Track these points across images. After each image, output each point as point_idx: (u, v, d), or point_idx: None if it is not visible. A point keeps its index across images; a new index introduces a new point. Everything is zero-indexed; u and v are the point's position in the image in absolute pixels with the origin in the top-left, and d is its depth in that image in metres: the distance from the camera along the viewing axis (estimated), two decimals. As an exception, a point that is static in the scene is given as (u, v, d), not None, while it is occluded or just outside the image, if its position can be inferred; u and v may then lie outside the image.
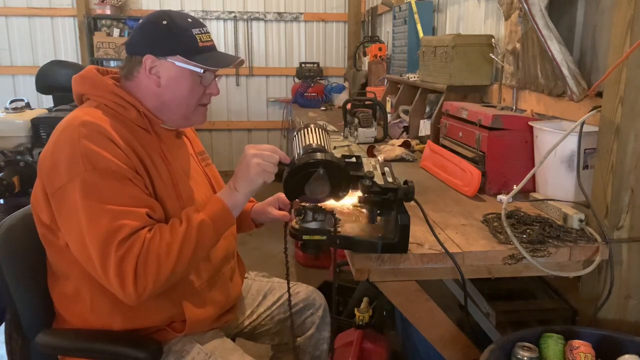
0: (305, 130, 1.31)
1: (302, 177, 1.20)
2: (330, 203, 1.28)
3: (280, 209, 1.56)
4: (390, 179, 1.24)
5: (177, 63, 1.29)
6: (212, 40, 1.36)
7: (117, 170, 1.18)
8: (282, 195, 1.60)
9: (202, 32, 1.33)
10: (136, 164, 1.23)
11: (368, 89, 3.83)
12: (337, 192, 1.22)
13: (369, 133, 2.69)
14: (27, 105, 4.17)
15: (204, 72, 1.32)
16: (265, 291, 1.67)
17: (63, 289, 1.31)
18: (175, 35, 1.29)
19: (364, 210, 1.34)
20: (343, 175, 1.21)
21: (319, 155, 1.19)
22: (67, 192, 1.17)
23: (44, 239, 1.31)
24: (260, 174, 1.23)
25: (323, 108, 5.10)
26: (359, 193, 1.24)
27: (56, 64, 4.46)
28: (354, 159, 1.30)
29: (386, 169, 1.31)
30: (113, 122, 1.24)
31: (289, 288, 1.48)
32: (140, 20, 1.36)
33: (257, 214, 1.60)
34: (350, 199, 1.31)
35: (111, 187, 1.17)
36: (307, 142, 1.26)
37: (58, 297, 1.34)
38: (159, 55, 1.29)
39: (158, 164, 1.29)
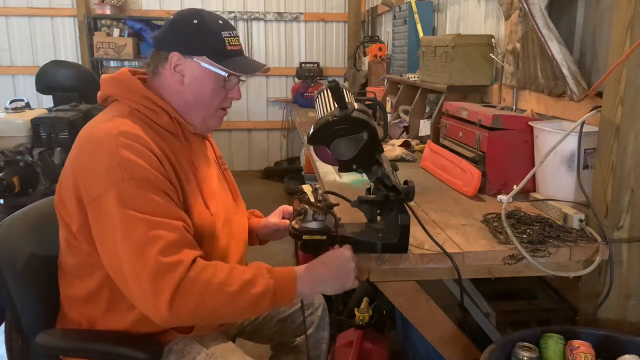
0: (344, 89, 1.21)
1: (342, 130, 1.14)
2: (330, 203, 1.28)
3: (284, 219, 1.58)
4: (396, 180, 1.24)
5: (203, 64, 1.29)
6: (240, 44, 1.36)
7: (154, 180, 1.16)
8: (285, 206, 1.61)
9: (232, 35, 1.33)
10: (170, 175, 1.21)
11: (368, 89, 3.83)
12: (353, 164, 1.19)
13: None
14: (27, 105, 4.17)
15: (228, 76, 1.31)
16: (265, 291, 1.66)
17: (76, 290, 1.30)
18: (204, 36, 1.29)
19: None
20: (371, 152, 1.18)
21: (372, 122, 1.15)
22: (104, 201, 1.14)
23: (64, 240, 1.29)
24: (352, 283, 1.22)
25: (323, 108, 5.10)
26: (361, 177, 1.21)
27: (56, 64, 4.46)
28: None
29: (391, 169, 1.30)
30: (148, 132, 1.22)
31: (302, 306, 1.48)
32: (172, 16, 1.34)
33: (261, 229, 1.60)
34: (350, 177, 1.27)
35: (147, 197, 1.14)
36: (350, 100, 1.18)
37: (68, 298, 1.33)
38: (185, 54, 1.29)
39: (187, 171, 1.28)
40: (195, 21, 1.29)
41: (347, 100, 1.16)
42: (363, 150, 1.17)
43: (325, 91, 1.27)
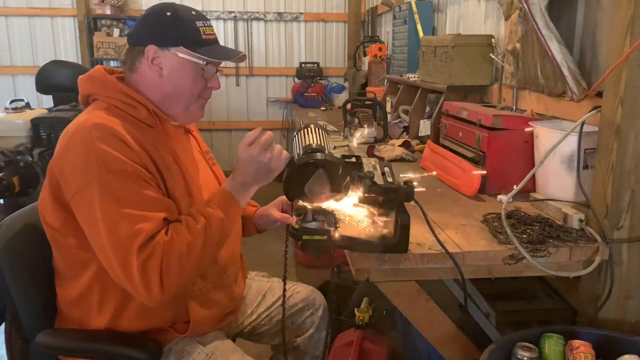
0: (305, 130, 1.31)
1: (301, 177, 1.20)
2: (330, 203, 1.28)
3: (284, 211, 1.57)
4: (390, 179, 1.24)
5: (180, 54, 1.29)
6: (214, 34, 1.36)
7: (132, 171, 1.17)
8: (285, 198, 1.60)
9: (206, 25, 1.33)
10: (148, 165, 1.22)
11: (368, 89, 3.83)
12: (337, 192, 1.22)
13: (369, 133, 2.69)
14: (27, 105, 4.18)
15: (206, 64, 1.31)
16: (265, 291, 1.66)
17: (70, 290, 1.31)
18: (178, 27, 1.29)
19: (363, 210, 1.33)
20: (344, 175, 1.21)
21: (318, 156, 1.19)
22: (84, 196, 1.16)
23: (52, 240, 1.30)
24: (277, 163, 1.26)
25: (323, 108, 5.10)
26: (359, 193, 1.24)
27: (56, 64, 4.46)
28: (353, 159, 1.30)
29: (386, 169, 1.30)
30: (124, 124, 1.23)
31: (284, 292, 1.48)
32: (144, 12, 1.35)
33: (259, 218, 1.60)
34: (351, 199, 1.30)
35: (127, 189, 1.16)
36: (307, 142, 1.26)
37: (63, 298, 1.33)
38: (161, 46, 1.29)
39: (169, 162, 1.29)
40: (168, 13, 1.30)
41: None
42: (333, 180, 1.21)
43: (297, 133, 1.34)
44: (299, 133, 1.32)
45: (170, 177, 1.28)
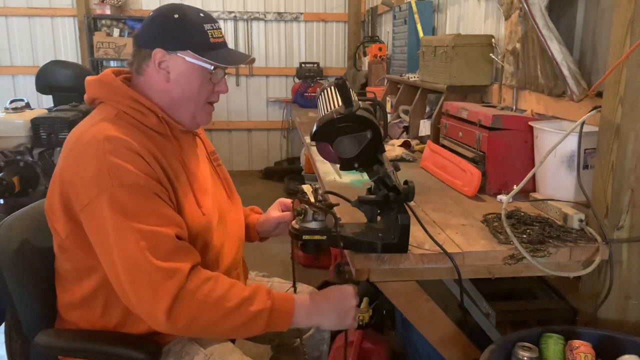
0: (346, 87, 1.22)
1: (346, 128, 1.15)
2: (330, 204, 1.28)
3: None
4: (396, 180, 1.24)
5: (188, 58, 1.27)
6: (223, 36, 1.34)
7: (144, 185, 1.15)
8: (283, 199, 1.61)
9: (214, 28, 1.31)
10: (160, 176, 1.20)
11: (368, 89, 3.83)
12: (355, 162, 1.19)
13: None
14: (27, 105, 4.17)
15: (214, 69, 1.30)
16: (265, 291, 1.66)
17: (71, 293, 1.30)
18: (186, 30, 1.27)
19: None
20: (374, 151, 1.18)
21: (376, 121, 1.15)
22: (95, 209, 1.14)
23: (57, 246, 1.29)
24: (351, 322, 1.25)
25: (323, 108, 5.10)
26: (361, 177, 1.21)
27: (56, 64, 4.46)
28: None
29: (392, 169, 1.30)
30: (135, 134, 1.21)
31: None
32: (151, 13, 1.32)
33: (261, 225, 1.60)
34: (350, 177, 1.27)
35: (139, 203, 1.14)
36: (355, 98, 1.18)
37: (63, 300, 1.33)
38: (169, 50, 1.27)
39: (178, 171, 1.27)
40: (176, 15, 1.27)
41: (352, 99, 1.16)
42: (366, 149, 1.17)
43: (328, 89, 1.27)
44: (327, 89, 1.24)
45: (180, 187, 1.26)
